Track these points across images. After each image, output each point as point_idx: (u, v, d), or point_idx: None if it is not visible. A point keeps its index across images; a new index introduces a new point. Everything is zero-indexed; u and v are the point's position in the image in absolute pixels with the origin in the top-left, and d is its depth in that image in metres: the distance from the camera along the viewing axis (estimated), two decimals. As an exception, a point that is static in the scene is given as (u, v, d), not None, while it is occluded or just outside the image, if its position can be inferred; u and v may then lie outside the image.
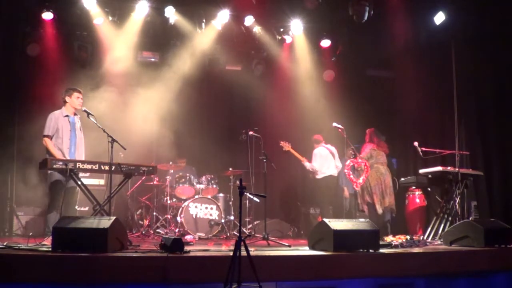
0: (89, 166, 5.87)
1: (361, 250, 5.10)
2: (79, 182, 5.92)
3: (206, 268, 4.43)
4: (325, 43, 9.44)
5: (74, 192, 6.27)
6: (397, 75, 10.09)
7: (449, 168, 7.46)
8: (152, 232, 7.93)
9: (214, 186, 8.44)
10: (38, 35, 8.47)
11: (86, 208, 7.51)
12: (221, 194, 8.57)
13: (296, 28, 9.13)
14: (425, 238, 7.09)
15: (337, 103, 9.12)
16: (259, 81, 9.72)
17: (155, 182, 8.42)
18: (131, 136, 7.28)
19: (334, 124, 7.82)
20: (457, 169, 7.37)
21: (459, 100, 8.53)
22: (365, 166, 7.78)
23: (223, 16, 8.70)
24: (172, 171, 8.52)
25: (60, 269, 4.17)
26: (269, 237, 6.75)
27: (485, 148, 8.98)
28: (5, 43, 8.40)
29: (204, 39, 8.97)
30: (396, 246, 5.76)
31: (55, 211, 5.91)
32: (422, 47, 9.22)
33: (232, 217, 8.33)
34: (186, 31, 8.79)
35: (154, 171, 6.53)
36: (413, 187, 8.50)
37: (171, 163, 8.44)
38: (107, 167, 5.83)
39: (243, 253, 4.03)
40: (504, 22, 8.31)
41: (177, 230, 7.80)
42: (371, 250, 5.13)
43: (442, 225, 7.18)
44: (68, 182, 5.96)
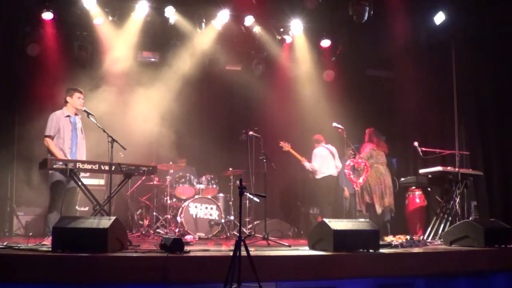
0: (89, 166, 5.87)
1: (361, 250, 5.10)
2: (79, 182, 5.93)
3: (206, 268, 4.43)
4: (325, 43, 9.44)
5: (75, 193, 6.27)
6: (397, 75, 10.09)
7: (449, 168, 7.46)
8: (152, 232, 7.93)
9: (214, 186, 8.44)
10: (38, 35, 8.46)
11: (86, 208, 7.50)
12: (221, 194, 8.56)
13: (296, 28, 9.12)
14: (425, 238, 7.08)
15: (337, 103, 9.11)
16: (259, 81, 9.72)
17: (155, 182, 8.42)
18: (131, 136, 7.27)
19: (334, 124, 7.82)
20: (457, 169, 7.37)
21: (459, 100, 8.53)
22: (365, 166, 7.79)
23: (223, 16, 8.70)
24: (172, 171, 8.52)
25: (60, 269, 4.16)
26: (269, 237, 6.75)
27: (485, 148, 8.98)
28: (5, 43, 8.41)
29: (204, 39, 8.96)
30: (396, 246, 5.76)
31: (56, 211, 5.90)
32: (422, 47, 9.21)
33: (232, 217, 8.33)
34: (186, 31, 8.79)
35: (154, 171, 6.53)
36: (413, 187, 8.49)
37: (171, 163, 8.45)
38: (107, 167, 5.83)
39: (243, 253, 4.03)
40: (504, 22, 8.31)
41: (177, 230, 7.80)
42: (371, 250, 5.13)
43: (442, 225, 7.18)
44: (69, 183, 5.97)
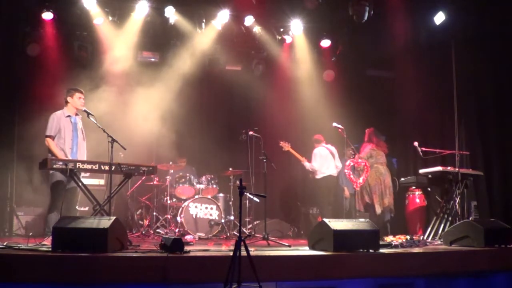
0: (89, 166, 5.87)
1: (361, 250, 5.09)
2: (79, 182, 5.93)
3: (206, 268, 4.43)
4: (325, 43, 9.44)
5: (75, 193, 6.26)
6: (397, 75, 10.09)
7: (449, 168, 7.46)
8: (152, 232, 7.93)
9: (214, 186, 8.44)
10: (38, 35, 8.47)
11: (86, 208, 7.49)
12: (221, 194, 8.56)
13: (296, 28, 9.12)
14: (425, 238, 7.08)
15: (337, 103, 9.11)
16: (259, 81, 9.72)
17: (155, 182, 8.42)
18: (131, 136, 7.28)
19: (334, 124, 7.82)
20: (457, 169, 7.37)
21: (459, 100, 8.54)
22: (365, 166, 7.79)
23: (223, 16, 8.70)
24: (172, 171, 8.52)
25: (60, 269, 4.16)
26: (269, 237, 6.75)
27: (485, 148, 8.97)
28: (5, 43, 8.41)
29: (204, 39, 8.96)
30: (396, 246, 5.75)
31: (56, 211, 5.90)
32: (422, 47, 9.21)
33: (232, 217, 8.33)
34: (186, 31, 8.79)
35: (154, 171, 6.53)
36: (413, 187, 8.49)
37: (171, 163, 8.45)
38: (107, 167, 5.83)
39: (243, 253, 4.03)
40: (504, 22, 8.30)
41: (177, 230, 7.80)
42: (371, 250, 5.13)
43: (442, 225, 7.18)
44: (70, 183, 5.97)
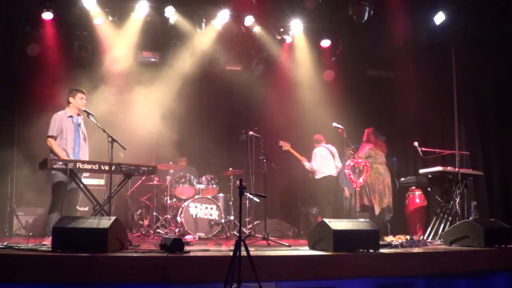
0: (89, 166, 5.87)
1: (361, 250, 5.09)
2: (79, 182, 5.93)
3: (206, 268, 4.43)
4: (325, 43, 9.44)
5: (76, 193, 6.26)
6: (397, 75, 10.08)
7: (449, 168, 7.46)
8: (152, 232, 7.93)
9: (214, 186, 8.44)
10: (38, 35, 8.47)
11: (86, 208, 7.49)
12: (221, 194, 8.56)
13: (296, 28, 9.12)
14: (425, 238, 7.08)
15: (337, 103, 9.11)
16: (259, 81, 9.72)
17: (155, 182, 8.42)
18: (131, 136, 7.27)
19: (334, 124, 7.82)
20: (457, 169, 7.37)
21: (459, 100, 8.54)
22: (365, 166, 7.78)
23: (223, 16, 8.70)
24: (172, 171, 8.52)
25: (60, 269, 4.16)
26: (269, 237, 6.75)
27: (485, 148, 8.97)
28: (5, 43, 8.41)
29: (204, 39, 8.96)
30: (396, 246, 5.75)
31: (57, 212, 5.89)
32: (422, 47, 9.21)
33: (232, 217, 8.33)
34: (186, 31, 8.79)
35: (154, 171, 6.53)
36: (413, 187, 8.49)
37: (171, 163, 8.45)
38: (107, 167, 5.83)
39: (243, 253, 4.03)
40: (504, 22, 8.30)
41: (177, 230, 7.80)
42: (371, 250, 5.13)
43: (442, 225, 7.18)
44: (71, 183, 5.97)
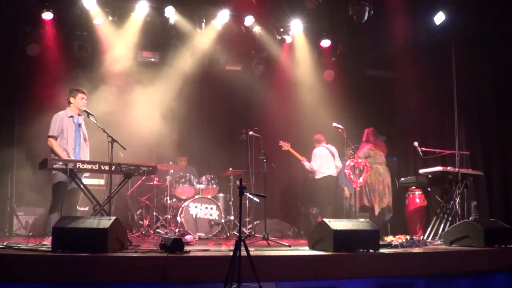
0: (89, 166, 5.87)
1: (361, 250, 5.09)
2: (79, 182, 5.93)
3: (206, 268, 4.43)
4: (325, 43, 9.44)
5: (77, 194, 6.26)
6: (397, 75, 10.08)
7: (449, 168, 7.46)
8: (152, 232, 7.93)
9: (214, 186, 8.44)
10: (38, 35, 8.47)
11: (86, 208, 7.50)
12: (221, 194, 8.56)
13: (296, 28, 9.12)
14: (425, 238, 7.08)
15: (337, 103, 9.11)
16: (259, 81, 9.73)
17: (155, 182, 8.42)
18: (131, 136, 7.27)
19: (334, 124, 7.81)
20: (457, 169, 7.36)
21: (459, 100, 8.54)
22: (365, 166, 7.78)
23: (223, 16, 8.70)
24: (172, 171, 8.52)
25: (60, 269, 4.16)
26: (269, 237, 6.75)
27: (485, 148, 8.97)
28: (5, 43, 8.41)
29: (204, 39, 8.96)
30: (396, 246, 5.75)
31: (57, 212, 5.90)
32: (422, 47, 9.21)
33: (232, 217, 8.32)
34: (186, 31, 8.79)
35: (154, 171, 6.53)
36: (413, 187, 8.49)
37: (171, 163, 8.45)
38: (107, 167, 5.83)
39: (243, 253, 4.03)
40: (504, 22, 8.30)
41: (177, 230, 7.80)
42: (371, 250, 5.13)
43: (442, 225, 7.18)
44: (71, 183, 5.97)
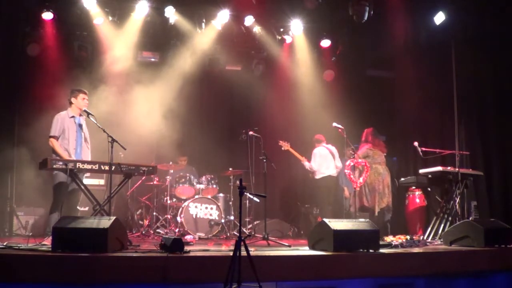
0: (89, 166, 5.87)
1: (361, 250, 5.09)
2: (79, 182, 5.93)
3: (206, 268, 4.43)
4: (325, 43, 9.44)
5: (77, 194, 6.25)
6: (397, 75, 10.09)
7: (449, 168, 7.46)
8: (152, 232, 7.93)
9: (214, 186, 8.44)
10: (38, 35, 8.47)
11: (86, 208, 7.50)
12: (221, 194, 8.56)
13: (296, 28, 9.12)
14: (425, 238, 7.08)
15: (337, 103, 9.12)
16: (259, 81, 9.73)
17: (155, 182, 8.42)
18: (131, 136, 7.27)
19: (334, 124, 7.81)
20: (457, 169, 7.36)
21: (459, 100, 8.53)
22: (365, 166, 7.78)
23: (223, 16, 8.70)
24: (172, 171, 8.52)
25: (60, 269, 4.16)
26: (269, 237, 6.74)
27: (485, 148, 8.97)
28: (5, 43, 8.41)
29: (204, 39, 8.97)
30: (396, 246, 5.75)
31: (58, 212, 5.90)
32: (422, 47, 9.21)
33: (232, 217, 8.32)
34: (186, 31, 8.79)
35: (154, 171, 6.53)
36: (413, 187, 8.49)
37: (171, 163, 8.45)
38: (107, 167, 5.82)
39: (243, 253, 4.03)
40: (504, 22, 8.30)
41: (177, 230, 7.80)
42: (371, 250, 5.13)
43: (442, 225, 7.18)
44: (72, 184, 5.98)
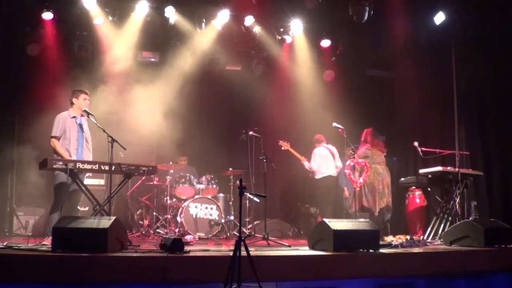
0: (89, 166, 5.87)
1: (361, 250, 5.09)
2: (80, 182, 5.93)
3: (206, 268, 4.43)
4: (325, 43, 9.44)
5: (78, 194, 6.26)
6: (397, 75, 10.09)
7: (449, 168, 7.46)
8: (152, 232, 7.93)
9: (214, 186, 8.44)
10: (38, 35, 8.47)
11: (86, 208, 7.50)
12: (221, 194, 8.56)
13: (296, 28, 9.12)
14: (425, 238, 7.08)
15: (337, 103, 9.12)
16: (259, 81, 9.73)
17: (155, 182, 8.42)
18: (131, 136, 7.27)
19: (334, 124, 7.81)
20: (457, 169, 7.36)
21: (459, 100, 8.53)
22: (365, 166, 7.77)
23: (223, 16, 8.70)
24: (172, 171, 8.52)
25: (60, 269, 4.16)
26: (269, 237, 6.75)
27: (485, 148, 8.96)
28: (5, 43, 8.41)
29: (204, 39, 8.97)
30: (396, 246, 5.75)
31: (59, 212, 5.90)
32: (422, 47, 9.21)
33: (232, 217, 8.33)
34: (186, 31, 8.79)
35: (154, 171, 6.53)
36: (413, 187, 8.49)
37: (171, 163, 8.45)
38: (107, 167, 5.83)
39: (243, 253, 4.03)
40: (504, 22, 8.30)
41: (177, 230, 7.80)
42: (371, 250, 5.13)
43: (442, 225, 7.18)
44: (73, 184, 5.98)
